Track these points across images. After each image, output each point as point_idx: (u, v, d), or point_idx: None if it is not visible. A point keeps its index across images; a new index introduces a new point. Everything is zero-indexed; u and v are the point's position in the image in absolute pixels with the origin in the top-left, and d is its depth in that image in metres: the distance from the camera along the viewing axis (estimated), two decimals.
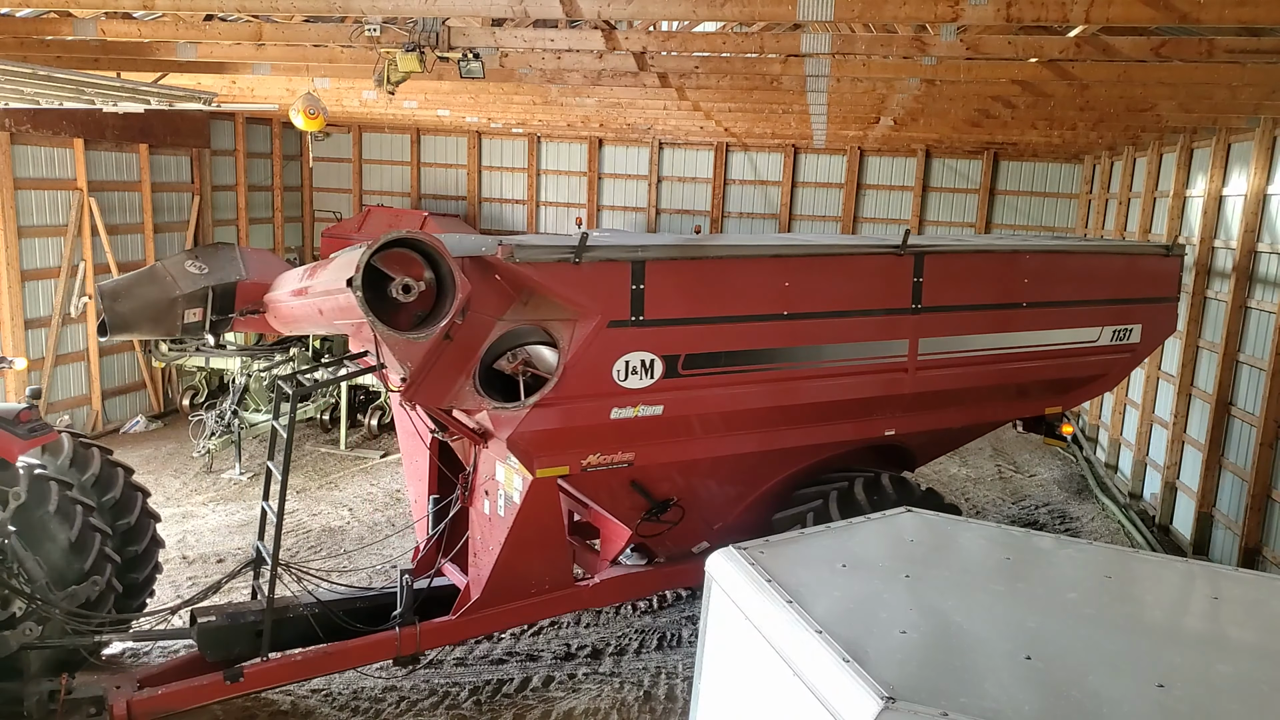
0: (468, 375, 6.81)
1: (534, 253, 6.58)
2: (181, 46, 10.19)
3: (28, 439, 7.57)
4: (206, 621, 7.37)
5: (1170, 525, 12.82)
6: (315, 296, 7.16)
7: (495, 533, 7.63)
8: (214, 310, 8.32)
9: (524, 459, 6.96)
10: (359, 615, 7.89)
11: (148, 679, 7.08)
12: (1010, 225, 20.64)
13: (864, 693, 3.09)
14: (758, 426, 7.77)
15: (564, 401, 6.73)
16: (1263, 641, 3.75)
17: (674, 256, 7.10)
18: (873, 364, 7.98)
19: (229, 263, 8.46)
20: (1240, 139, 11.85)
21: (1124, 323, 9.43)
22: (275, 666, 7.34)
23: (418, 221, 19.98)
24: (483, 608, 7.86)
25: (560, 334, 6.76)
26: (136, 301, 8.08)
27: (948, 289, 8.18)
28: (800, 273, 7.58)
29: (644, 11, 7.57)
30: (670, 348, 7.00)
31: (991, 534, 4.76)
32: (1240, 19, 6.61)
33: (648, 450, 7.35)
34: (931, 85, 10.50)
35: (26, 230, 14.45)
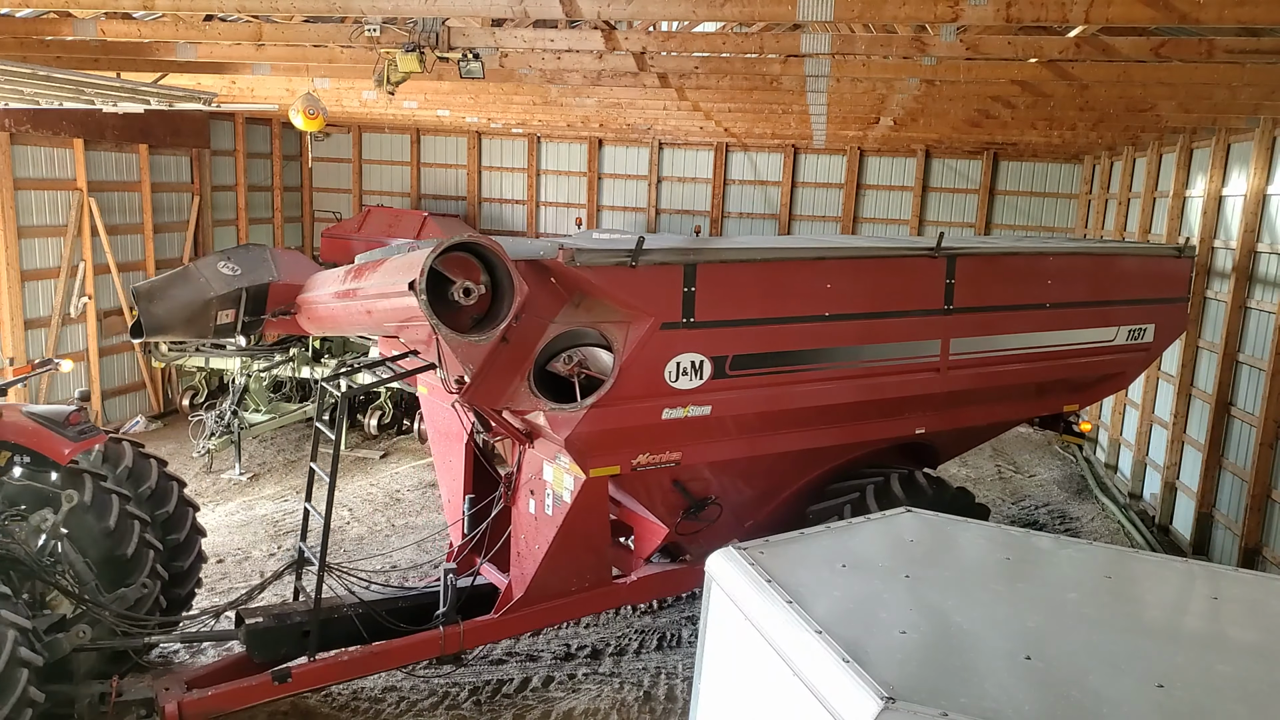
0: (522, 377, 6.92)
1: (594, 256, 6.69)
2: (181, 47, 10.20)
3: (77, 441, 7.67)
4: (254, 623, 7.42)
5: (1170, 525, 12.82)
6: (365, 299, 7.18)
7: (541, 532, 7.70)
8: (246, 311, 8.32)
9: (579, 459, 7.04)
10: (401, 615, 7.97)
11: (195, 680, 7.13)
12: (1010, 225, 20.65)
13: (864, 693, 3.09)
14: (798, 426, 7.92)
15: (618, 402, 6.84)
16: (1263, 642, 3.74)
17: (724, 260, 7.25)
18: (908, 364, 8.17)
19: (261, 264, 8.45)
20: (1240, 139, 11.85)
21: (1139, 322, 9.66)
22: (322, 667, 7.42)
23: (418, 222, 19.98)
24: (525, 606, 7.97)
25: (614, 336, 6.87)
26: (172, 303, 8.04)
27: (977, 290, 8.38)
28: (842, 275, 7.77)
29: (644, 12, 7.57)
30: (719, 349, 7.15)
31: (991, 534, 4.76)
32: (1240, 19, 6.61)
33: (694, 450, 7.49)
34: (931, 85, 10.50)
35: (26, 230, 14.45)
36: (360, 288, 7.28)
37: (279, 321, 8.63)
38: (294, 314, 8.56)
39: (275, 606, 7.87)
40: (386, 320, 7.14)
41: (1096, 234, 18.15)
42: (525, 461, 7.79)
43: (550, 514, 7.58)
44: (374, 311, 7.15)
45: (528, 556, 7.92)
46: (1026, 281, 8.87)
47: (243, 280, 8.25)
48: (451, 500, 9.01)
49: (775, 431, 7.81)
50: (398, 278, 6.45)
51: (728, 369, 7.22)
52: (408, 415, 16.01)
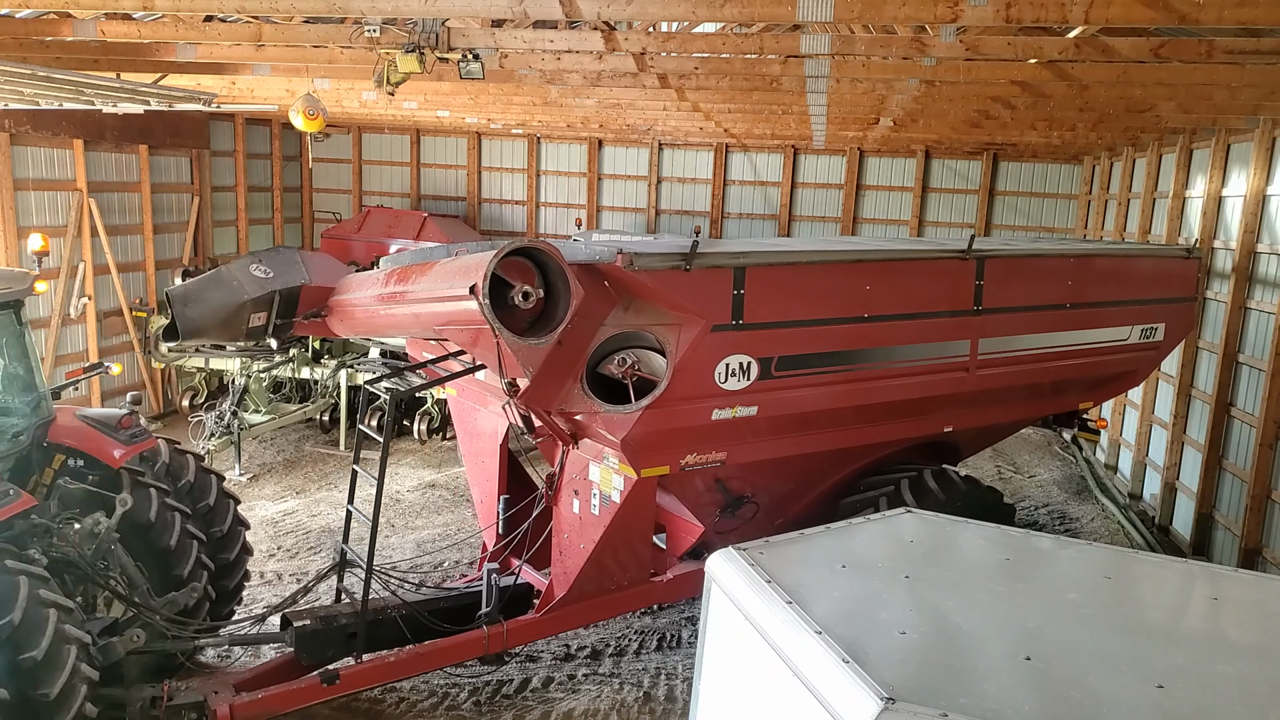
0: (575, 379, 7.02)
1: (651, 260, 6.80)
2: (181, 47, 10.20)
3: (129, 445, 7.71)
4: (302, 625, 7.47)
5: (1170, 526, 12.82)
6: (414, 302, 7.22)
7: (587, 531, 7.77)
8: (278, 314, 8.32)
9: (633, 459, 7.12)
10: (441, 615, 8.04)
11: (242, 683, 7.16)
12: (1010, 226, 20.65)
13: (864, 693, 3.09)
14: (835, 425, 8.06)
15: (671, 403, 6.94)
16: (1262, 642, 3.75)
17: (771, 262, 7.39)
18: (940, 363, 8.35)
19: (292, 266, 8.44)
20: (1239, 140, 11.85)
21: (1151, 321, 9.91)
22: (369, 668, 7.50)
23: (417, 223, 19.99)
24: (567, 604, 8.08)
25: (666, 338, 6.97)
26: (206, 306, 8.02)
27: (1004, 291, 8.56)
28: (880, 277, 7.93)
29: (643, 12, 7.58)
30: (765, 350, 7.28)
31: (991, 534, 4.76)
32: (1240, 20, 6.62)
33: (739, 449, 7.60)
34: (931, 86, 10.51)
35: (26, 231, 14.43)
36: (407, 291, 7.30)
37: (309, 324, 8.66)
38: (325, 316, 8.59)
39: (321, 608, 7.92)
40: (436, 323, 7.18)
41: (1096, 235, 18.15)
42: (569, 462, 7.86)
43: (597, 513, 7.66)
44: (422, 314, 7.21)
45: (571, 555, 8.00)
46: (1049, 282, 9.09)
47: (275, 283, 8.24)
48: (484, 501, 9.09)
49: (814, 431, 7.96)
50: (454, 281, 6.53)
51: (773, 370, 7.36)
52: (407, 416, 16.02)
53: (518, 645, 8.35)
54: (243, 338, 8.35)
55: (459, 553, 11.56)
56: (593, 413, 7.05)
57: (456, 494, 13.73)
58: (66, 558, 6.95)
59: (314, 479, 14.20)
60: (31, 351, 7.78)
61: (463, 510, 13.04)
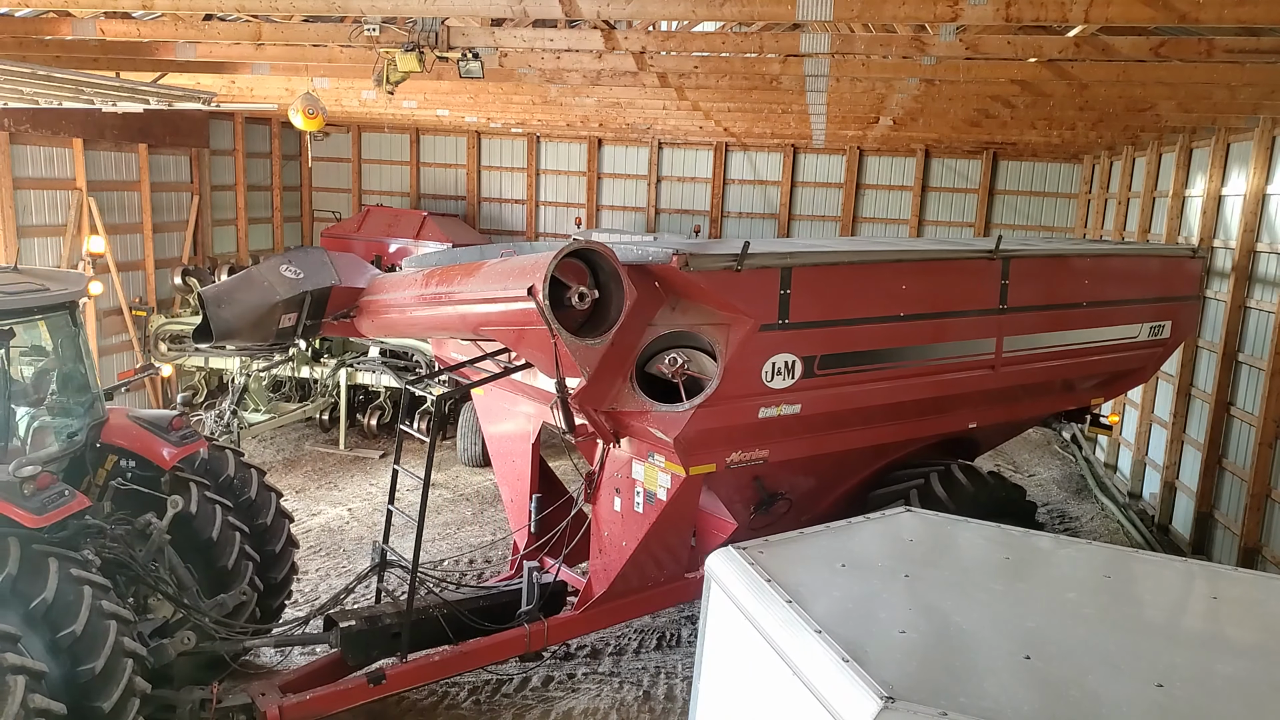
0: (625, 378, 7.11)
1: (705, 261, 6.89)
2: (181, 46, 10.19)
3: (179, 446, 7.75)
4: (348, 626, 7.51)
5: (1169, 525, 12.82)
6: (461, 303, 7.26)
7: (629, 529, 7.82)
8: (308, 315, 8.32)
9: (684, 457, 7.18)
10: (480, 614, 8.12)
11: (288, 685, 7.19)
12: (1009, 225, 20.64)
13: (863, 692, 3.09)
14: (870, 422, 8.18)
15: (721, 402, 7.01)
16: (1262, 641, 3.75)
17: (816, 263, 7.52)
18: (968, 361, 8.52)
19: (322, 267, 8.44)
20: (1239, 139, 11.85)
21: (1159, 319, 10.16)
22: (414, 668, 7.56)
23: (417, 222, 19.98)
24: (606, 601, 8.15)
25: (715, 338, 7.05)
26: (239, 307, 8.00)
27: (1027, 290, 8.74)
28: (916, 276, 8.07)
29: (643, 11, 7.57)
30: (809, 349, 7.38)
31: (991, 534, 4.76)
32: (1239, 19, 6.62)
33: (781, 447, 7.68)
34: (931, 85, 10.50)
35: (26, 230, 14.43)
36: (453, 292, 7.34)
37: (338, 325, 8.68)
38: (354, 317, 8.61)
39: (365, 609, 7.95)
40: (485, 324, 7.24)
41: (1096, 234, 18.15)
42: (609, 460, 7.92)
43: (641, 511, 7.73)
44: (469, 315, 7.25)
45: (611, 552, 8.06)
46: (1067, 282, 9.30)
47: (306, 284, 8.23)
48: (515, 500, 9.16)
49: (850, 428, 8.07)
50: (509, 283, 6.60)
51: (816, 369, 7.47)
52: (407, 415, 16.00)
53: (558, 642, 8.46)
54: (272, 338, 8.35)
55: (458, 551, 11.56)
56: (644, 411, 7.13)
57: (457, 493, 13.74)
58: (118, 559, 6.96)
59: (314, 478, 14.19)
60: (86, 352, 7.79)
61: (462, 509, 13.05)
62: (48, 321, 7.53)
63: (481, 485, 14.08)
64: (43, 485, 6.35)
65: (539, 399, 8.18)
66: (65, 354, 7.71)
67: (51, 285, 7.26)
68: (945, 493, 8.13)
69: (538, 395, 8.16)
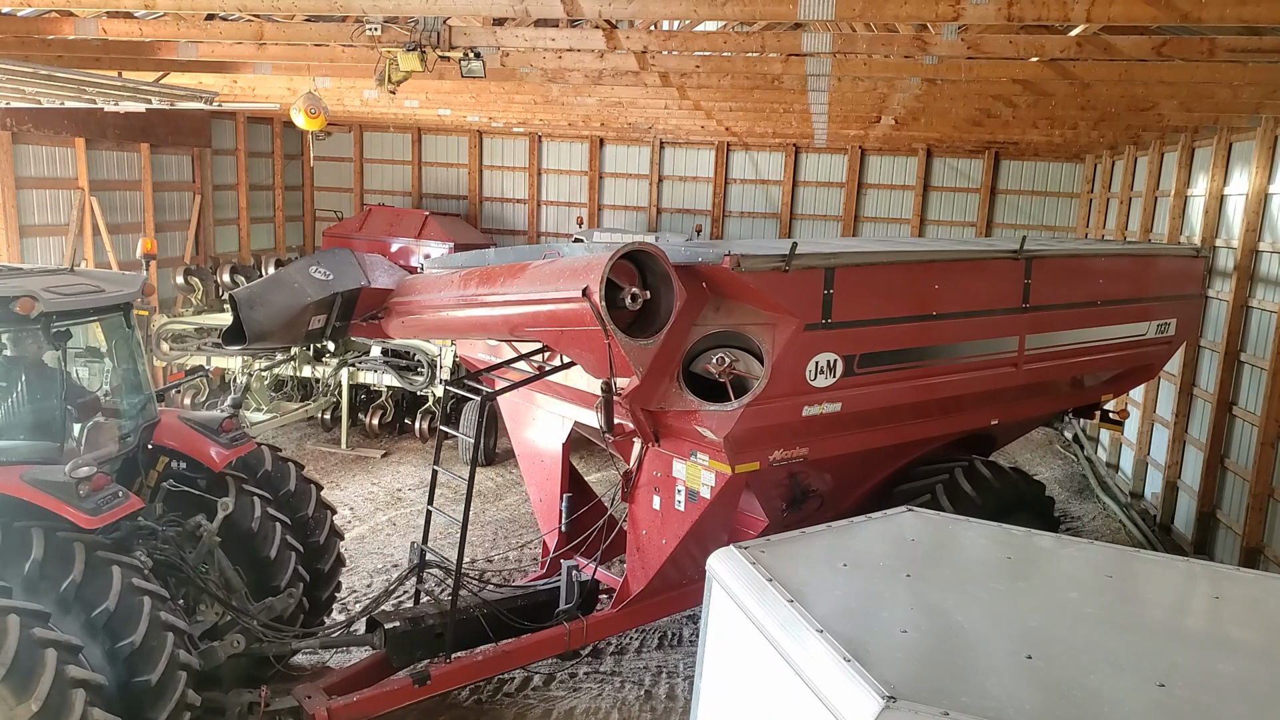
0: (671, 378, 7.18)
1: (756, 262, 6.97)
2: (183, 46, 10.20)
3: (230, 448, 7.76)
4: (393, 627, 7.54)
5: (1171, 525, 12.81)
6: (505, 305, 7.30)
7: (669, 527, 7.87)
8: (337, 316, 8.31)
9: (732, 456, 7.23)
10: (518, 613, 8.18)
11: (331, 687, 7.20)
12: (1011, 225, 20.62)
13: (865, 692, 3.09)
14: (903, 419, 8.28)
15: (768, 401, 7.08)
16: (1264, 641, 3.74)
17: (857, 263, 7.67)
18: (995, 359, 8.68)
19: (351, 268, 8.44)
20: (1241, 138, 11.84)
21: (1165, 318, 10.40)
22: (458, 668, 7.61)
23: (419, 221, 19.98)
24: (644, 599, 8.21)
25: (761, 337, 7.13)
26: (272, 309, 7.98)
27: (1048, 289, 8.91)
28: (947, 276, 8.22)
29: (645, 11, 7.57)
30: (850, 348, 7.48)
31: (992, 533, 4.76)
32: (1241, 18, 6.61)
33: (820, 444, 7.76)
34: (932, 84, 10.50)
35: (28, 229, 14.46)
36: (497, 293, 7.37)
37: (366, 326, 8.68)
38: (381, 319, 8.62)
39: (408, 610, 7.99)
40: (531, 325, 7.28)
41: (1098, 234, 18.14)
42: (647, 459, 7.96)
43: (683, 509, 7.77)
44: (514, 316, 7.30)
45: (650, 551, 8.10)
46: (1084, 281, 9.49)
47: (336, 285, 8.22)
48: (544, 500, 9.23)
49: (884, 425, 8.17)
50: (559, 284, 6.66)
51: (855, 367, 7.56)
52: (409, 414, 16.03)
53: (596, 640, 8.51)
54: (301, 340, 8.35)
55: None
56: (692, 411, 7.19)
57: (457, 492, 13.73)
58: (169, 561, 6.95)
59: (316, 477, 14.17)
60: (139, 353, 7.78)
61: (463, 509, 13.03)
62: (102, 323, 7.50)
63: (482, 484, 14.08)
64: (98, 486, 6.34)
65: (572, 399, 8.23)
66: (119, 355, 7.67)
67: (107, 286, 7.23)
68: (972, 486, 8.29)
69: (571, 396, 8.21)
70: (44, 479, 6.25)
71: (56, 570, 6.06)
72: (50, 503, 6.17)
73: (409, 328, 8.67)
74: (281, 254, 21.00)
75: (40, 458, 6.65)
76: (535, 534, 11.99)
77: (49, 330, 6.64)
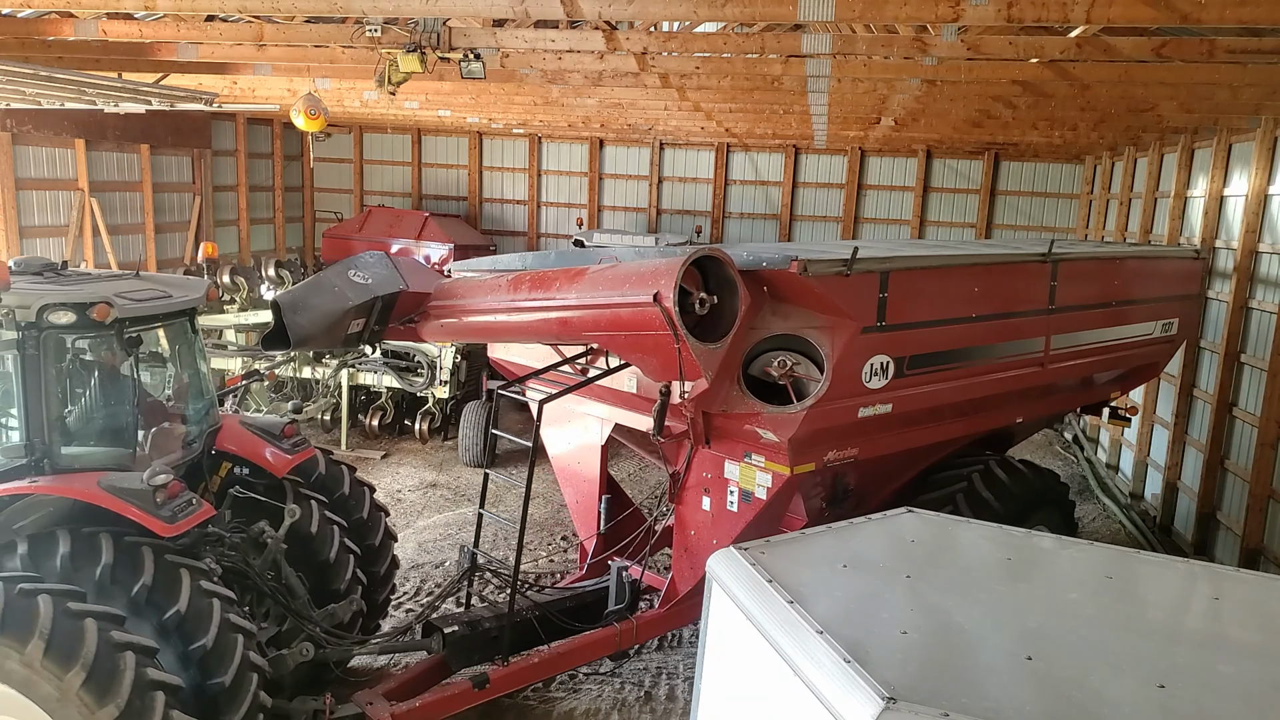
0: (732, 381, 7.25)
1: (821, 266, 7.07)
2: (183, 47, 10.21)
3: (292, 454, 7.75)
4: (452, 631, 7.58)
5: (1171, 526, 12.81)
6: (564, 309, 7.34)
7: (721, 527, 7.92)
8: (375, 320, 8.30)
9: (793, 457, 7.31)
10: (567, 614, 8.25)
11: (391, 692, 7.21)
12: (1011, 226, 20.64)
13: (865, 693, 3.09)
14: (941, 418, 8.43)
15: (828, 402, 7.17)
16: (1264, 642, 3.74)
17: (909, 266, 7.83)
18: (1024, 358, 8.88)
19: (388, 272, 8.42)
20: (1241, 139, 11.84)
21: (1169, 317, 10.70)
22: (515, 670, 7.68)
23: (419, 223, 19.99)
24: (690, 599, 8.26)
25: (820, 340, 7.22)
26: (314, 313, 7.95)
27: (1071, 291, 9.14)
28: (986, 279, 8.45)
29: (645, 12, 7.58)
30: (901, 350, 7.60)
31: (992, 534, 4.76)
32: (1241, 19, 6.62)
33: (869, 445, 7.86)
34: (932, 85, 10.50)
35: (28, 230, 14.46)
36: (554, 298, 7.41)
37: (402, 330, 8.69)
38: (417, 322, 8.63)
39: (464, 614, 8.03)
40: (593, 329, 7.33)
41: (1098, 235, 18.14)
42: (696, 461, 8.01)
43: (736, 510, 7.84)
44: (574, 320, 7.34)
45: (699, 551, 8.14)
46: (1100, 282, 9.74)
47: (376, 289, 8.20)
48: (580, 502, 9.29)
49: (925, 424, 8.30)
50: (626, 290, 6.73)
51: (905, 369, 7.68)
52: (408, 415, 16.03)
53: (645, 640, 8.58)
54: (339, 344, 8.34)
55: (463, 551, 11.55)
56: (754, 414, 7.25)
57: (458, 494, 13.74)
58: (236, 567, 6.91)
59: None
60: (202, 358, 7.76)
61: (463, 510, 13.05)
62: (166, 328, 7.45)
63: None
64: (173, 494, 6.30)
65: (613, 401, 8.30)
66: (183, 360, 7.64)
67: (174, 291, 7.20)
68: (1006, 476, 8.58)
69: (611, 398, 8.28)
70: (121, 486, 6.20)
71: (127, 574, 6.03)
72: (129, 510, 6.12)
73: (448, 331, 8.69)
74: (281, 255, 21.02)
75: (113, 464, 6.62)
76: (536, 535, 11.99)
77: (122, 336, 6.60)
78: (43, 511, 6.61)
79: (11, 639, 5.27)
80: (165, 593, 6.04)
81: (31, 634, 5.26)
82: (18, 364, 6.31)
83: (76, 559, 6.04)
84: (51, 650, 5.27)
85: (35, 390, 6.33)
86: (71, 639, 5.34)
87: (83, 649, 5.31)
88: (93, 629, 5.40)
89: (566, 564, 11.15)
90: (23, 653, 5.25)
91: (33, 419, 6.36)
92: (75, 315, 6.33)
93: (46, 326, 6.30)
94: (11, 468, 6.35)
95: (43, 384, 6.34)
